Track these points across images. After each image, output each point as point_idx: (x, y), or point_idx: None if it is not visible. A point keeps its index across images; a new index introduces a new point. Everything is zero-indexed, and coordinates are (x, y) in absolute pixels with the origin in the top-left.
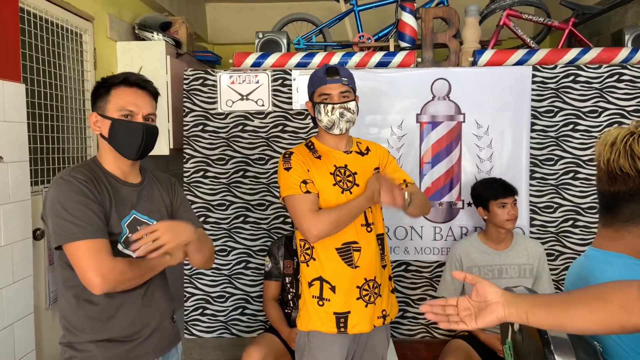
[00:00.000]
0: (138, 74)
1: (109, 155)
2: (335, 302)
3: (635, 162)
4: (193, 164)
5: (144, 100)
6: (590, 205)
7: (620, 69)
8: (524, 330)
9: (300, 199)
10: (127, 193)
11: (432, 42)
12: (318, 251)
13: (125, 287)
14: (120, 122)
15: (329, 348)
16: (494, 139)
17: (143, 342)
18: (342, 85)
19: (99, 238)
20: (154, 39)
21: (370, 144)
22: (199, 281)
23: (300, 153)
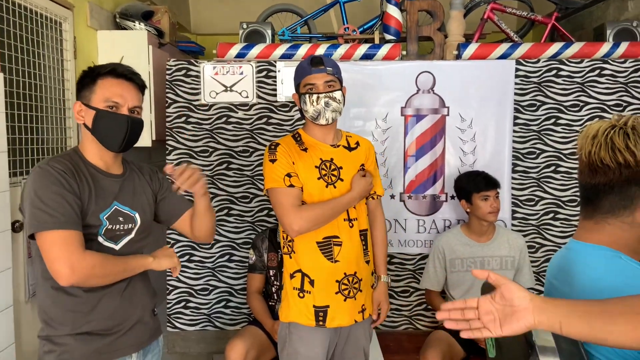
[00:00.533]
0: (127, 65)
1: (92, 146)
2: (315, 295)
3: (616, 155)
4: (176, 156)
5: (130, 92)
6: (571, 198)
7: (601, 64)
8: None
9: (283, 193)
10: (108, 184)
11: (417, 35)
12: (298, 244)
13: (97, 283)
14: (105, 113)
15: (309, 340)
16: (478, 132)
17: (123, 336)
18: (327, 75)
19: (71, 229)
20: (135, 28)
21: (360, 139)
22: (181, 274)
23: (286, 144)
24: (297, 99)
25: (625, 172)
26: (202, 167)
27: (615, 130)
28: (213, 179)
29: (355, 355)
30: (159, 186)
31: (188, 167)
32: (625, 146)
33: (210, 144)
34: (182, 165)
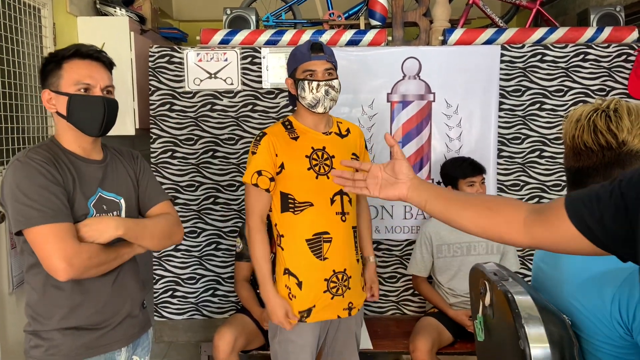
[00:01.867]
0: (90, 45)
1: (68, 134)
2: (301, 299)
3: (598, 137)
4: (160, 144)
5: (99, 72)
6: (555, 183)
7: (585, 49)
8: (494, 305)
9: (252, 194)
10: (91, 171)
11: (403, 20)
12: (287, 241)
13: (93, 274)
14: (78, 97)
15: (300, 329)
16: (463, 118)
17: (112, 330)
18: (327, 63)
19: (62, 222)
20: (116, 14)
21: (350, 126)
22: (168, 263)
23: (274, 134)
24: (292, 85)
25: (607, 154)
26: (187, 156)
27: (597, 113)
28: (198, 167)
29: (346, 342)
30: (139, 170)
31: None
32: (607, 128)
33: (195, 132)
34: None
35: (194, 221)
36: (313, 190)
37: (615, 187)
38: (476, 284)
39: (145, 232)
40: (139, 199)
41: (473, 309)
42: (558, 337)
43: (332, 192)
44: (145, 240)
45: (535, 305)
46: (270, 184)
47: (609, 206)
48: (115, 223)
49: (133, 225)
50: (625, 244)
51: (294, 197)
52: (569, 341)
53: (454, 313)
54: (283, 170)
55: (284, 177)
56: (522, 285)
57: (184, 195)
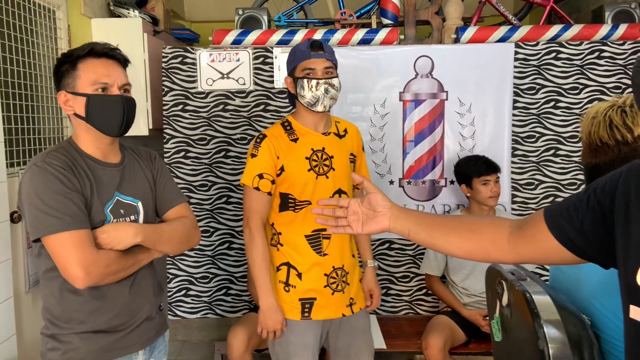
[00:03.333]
0: (104, 42)
1: (87, 135)
2: (301, 288)
3: (614, 132)
4: (173, 145)
5: (116, 70)
6: (571, 182)
7: (600, 46)
8: (512, 305)
9: (253, 197)
10: (109, 175)
11: (415, 19)
12: (286, 237)
13: (111, 281)
14: (96, 97)
15: (299, 329)
16: (477, 116)
17: (130, 333)
18: (326, 61)
19: (80, 229)
20: (130, 15)
21: (348, 125)
22: (182, 262)
23: (275, 136)
24: (291, 83)
25: (624, 149)
26: (200, 155)
27: (613, 109)
28: (211, 167)
29: (349, 344)
30: (156, 172)
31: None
32: (622, 123)
33: (207, 132)
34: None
35: (207, 220)
36: (313, 191)
37: (590, 195)
38: (493, 283)
39: (163, 237)
40: (156, 201)
41: (489, 309)
42: (577, 337)
43: (331, 191)
44: (163, 246)
45: (554, 305)
46: (271, 186)
47: (587, 214)
48: (133, 230)
49: (151, 231)
50: (604, 251)
51: (294, 197)
52: (588, 341)
53: (468, 313)
54: (283, 172)
55: (285, 179)
56: (540, 285)
57: (197, 194)
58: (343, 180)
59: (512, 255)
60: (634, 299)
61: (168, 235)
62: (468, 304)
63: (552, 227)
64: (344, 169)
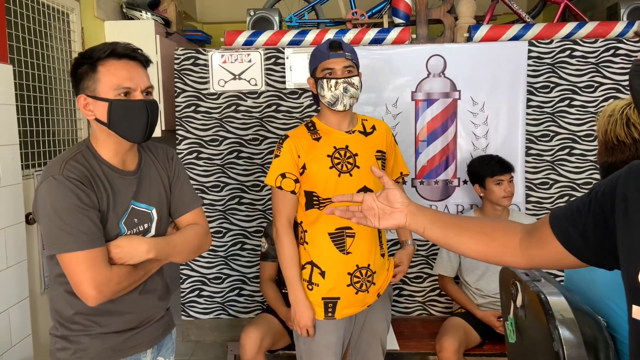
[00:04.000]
0: (125, 43)
1: (108, 141)
2: (324, 287)
3: (631, 130)
4: (186, 146)
5: (138, 72)
6: (586, 181)
7: (616, 43)
8: (526, 306)
9: (278, 196)
10: (126, 184)
11: (427, 17)
12: (311, 235)
13: (122, 294)
14: (119, 102)
15: (324, 329)
16: (490, 115)
17: (138, 333)
18: (346, 60)
19: (95, 247)
20: (142, 18)
21: (377, 123)
22: (195, 263)
23: (297, 136)
24: (313, 84)
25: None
26: (212, 156)
27: (631, 107)
28: (223, 167)
29: (370, 343)
30: (173, 174)
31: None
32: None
33: (219, 132)
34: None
35: (219, 221)
36: (336, 188)
37: (592, 198)
38: (507, 284)
39: (176, 250)
40: (170, 204)
41: (504, 310)
42: (593, 339)
43: (355, 189)
44: (175, 258)
45: (569, 307)
46: (295, 185)
47: (589, 218)
48: (147, 247)
49: (164, 244)
50: (607, 254)
51: (318, 194)
52: (604, 343)
53: (482, 314)
54: (305, 171)
55: (307, 177)
56: (555, 286)
57: (210, 195)
58: (368, 177)
59: (524, 260)
60: (637, 299)
61: (180, 247)
62: (482, 305)
63: (557, 232)
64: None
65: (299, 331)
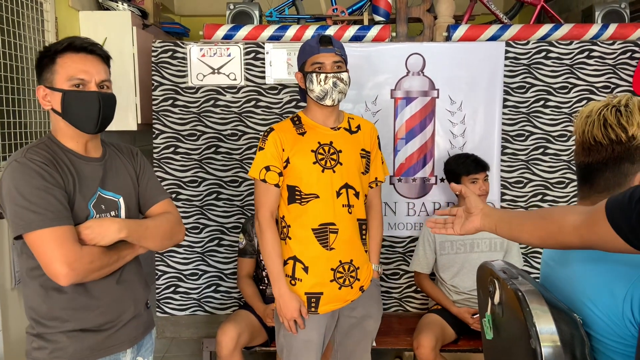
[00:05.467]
0: (84, 37)
1: (65, 131)
2: (307, 282)
3: (608, 131)
4: (163, 140)
5: (95, 65)
6: (559, 180)
7: (590, 45)
8: (504, 304)
9: (261, 189)
10: (91, 169)
11: (407, 16)
12: (294, 230)
13: (95, 277)
14: (72, 93)
15: (306, 324)
16: (467, 114)
17: (118, 332)
18: (335, 55)
19: (63, 225)
20: (118, 8)
21: (362, 122)
22: (170, 259)
23: (282, 130)
24: (301, 78)
25: (617, 148)
26: (190, 151)
27: (608, 108)
28: (201, 163)
29: (360, 342)
30: (139, 168)
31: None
32: (617, 122)
33: (198, 127)
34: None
35: (196, 217)
36: (319, 184)
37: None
38: (484, 282)
39: (148, 233)
40: (139, 197)
41: (481, 307)
42: (569, 336)
43: (338, 185)
44: (148, 242)
45: (546, 304)
46: (279, 179)
47: (638, 206)
48: (117, 226)
49: (135, 226)
50: None
51: (300, 189)
52: (580, 340)
53: (457, 310)
54: (289, 164)
55: (290, 171)
56: (532, 284)
57: (187, 191)
58: (351, 175)
59: (577, 240)
60: None
61: (152, 230)
62: (457, 301)
63: (610, 217)
64: (353, 164)
65: (286, 325)
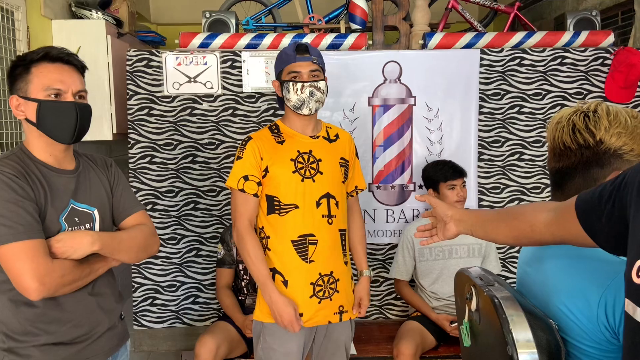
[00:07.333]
0: (60, 47)
1: (39, 142)
2: (288, 297)
3: (576, 136)
4: (139, 150)
5: (71, 76)
6: (535, 186)
7: (562, 53)
8: (481, 311)
9: (239, 199)
10: (63, 182)
11: (383, 24)
12: (274, 242)
13: (67, 291)
14: (48, 103)
15: (283, 337)
16: (444, 121)
17: (92, 344)
18: (312, 64)
19: (33, 238)
20: (92, 17)
21: (340, 132)
22: (147, 271)
23: (260, 138)
24: (278, 87)
25: (585, 152)
26: (166, 161)
27: (577, 114)
28: (178, 172)
29: (334, 353)
30: (112, 179)
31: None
32: (585, 127)
33: (174, 136)
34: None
35: (173, 227)
36: (298, 193)
37: (615, 186)
38: (462, 289)
39: (122, 246)
40: (113, 209)
41: (459, 314)
42: (545, 342)
43: (318, 195)
44: (121, 254)
45: (522, 311)
46: (257, 188)
47: (608, 205)
48: (90, 238)
49: (109, 239)
50: (622, 242)
51: (279, 199)
52: (556, 346)
53: (436, 317)
54: (267, 174)
55: (269, 180)
56: (508, 290)
57: (164, 201)
58: (331, 184)
59: (549, 236)
60: (628, 293)
61: (126, 243)
62: (436, 308)
63: (579, 214)
64: (333, 173)
65: (290, 329)
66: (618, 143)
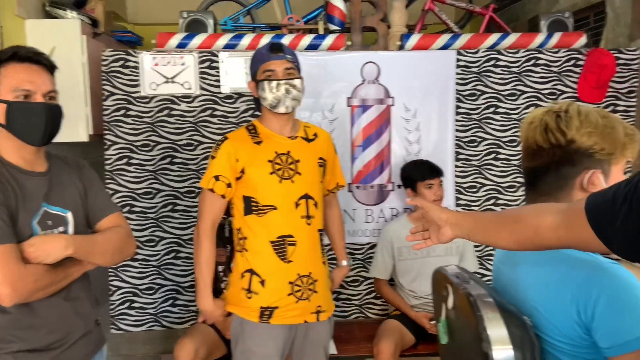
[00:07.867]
0: (29, 47)
1: (9, 144)
2: (264, 296)
3: (548, 135)
4: (115, 151)
5: (41, 76)
6: (510, 184)
7: (536, 54)
8: (457, 308)
9: (207, 199)
10: (35, 184)
11: (361, 25)
12: (251, 242)
13: (40, 297)
14: (17, 104)
15: (261, 338)
16: (422, 122)
17: (68, 350)
18: (287, 62)
19: (4, 243)
20: (67, 17)
21: (318, 131)
22: (125, 274)
23: (236, 139)
24: (254, 87)
25: (557, 151)
26: (144, 162)
27: (549, 114)
28: (156, 174)
29: (313, 353)
30: (86, 181)
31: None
32: (556, 127)
33: (151, 137)
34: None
35: (151, 229)
36: (276, 195)
37: (630, 189)
38: (439, 287)
39: (96, 249)
40: (87, 211)
41: (436, 312)
42: (520, 339)
43: (297, 196)
44: (96, 257)
45: (497, 308)
46: (226, 190)
47: (624, 208)
48: (64, 242)
49: (83, 242)
50: (636, 246)
51: (257, 200)
52: (530, 342)
53: (415, 315)
54: (244, 175)
55: (246, 182)
56: (484, 288)
57: (141, 203)
58: (310, 184)
59: (555, 240)
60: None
61: (101, 246)
62: (415, 306)
63: (590, 219)
64: (312, 174)
65: (214, 320)
66: (589, 142)
